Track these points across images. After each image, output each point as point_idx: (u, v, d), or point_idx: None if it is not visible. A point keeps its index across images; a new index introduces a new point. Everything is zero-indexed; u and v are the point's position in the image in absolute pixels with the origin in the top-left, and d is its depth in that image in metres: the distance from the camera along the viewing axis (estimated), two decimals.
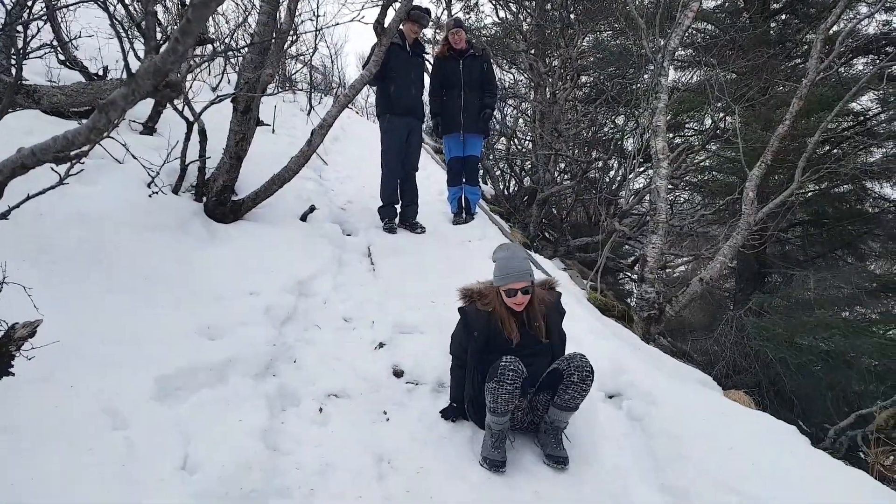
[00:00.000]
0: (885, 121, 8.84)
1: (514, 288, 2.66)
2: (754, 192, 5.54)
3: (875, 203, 9.78)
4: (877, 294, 8.66)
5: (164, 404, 2.48)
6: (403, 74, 5.38)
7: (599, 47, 10.47)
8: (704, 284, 5.64)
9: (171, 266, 3.54)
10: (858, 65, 9.75)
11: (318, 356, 3.23)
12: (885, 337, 7.70)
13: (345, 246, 4.94)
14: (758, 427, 3.14)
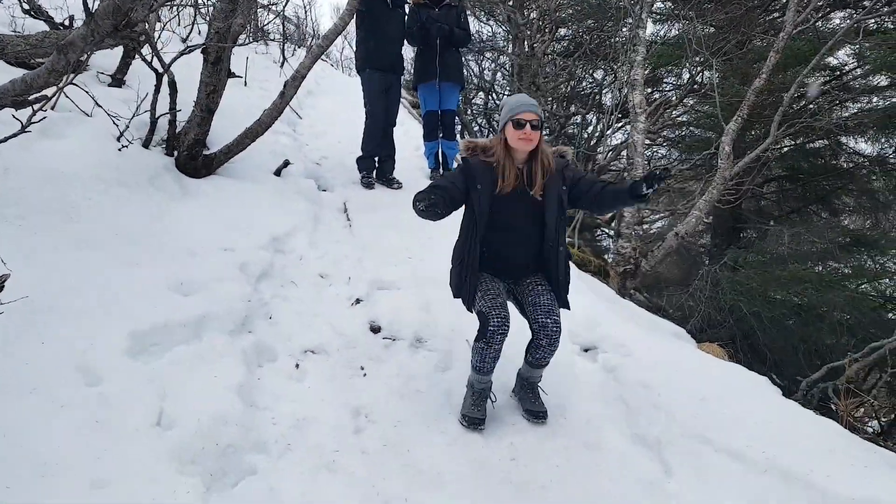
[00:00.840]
0: (861, 75, 8.84)
1: (523, 118, 2.50)
2: (730, 146, 5.56)
3: (849, 158, 9.85)
4: (849, 248, 8.79)
5: (139, 360, 2.46)
6: (383, 28, 5.29)
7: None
8: (680, 239, 5.70)
9: (142, 221, 3.46)
10: (836, 19, 9.69)
11: (294, 313, 3.22)
12: (856, 291, 7.87)
13: (320, 202, 4.88)
14: (730, 378, 3.21)
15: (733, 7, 8.79)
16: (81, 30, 1.04)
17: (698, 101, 9.34)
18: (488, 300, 2.58)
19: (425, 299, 3.63)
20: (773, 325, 7.44)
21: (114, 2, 0.99)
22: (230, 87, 4.70)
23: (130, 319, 2.61)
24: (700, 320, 7.62)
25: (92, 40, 1.05)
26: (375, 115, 5.44)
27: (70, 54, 1.09)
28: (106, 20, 1.01)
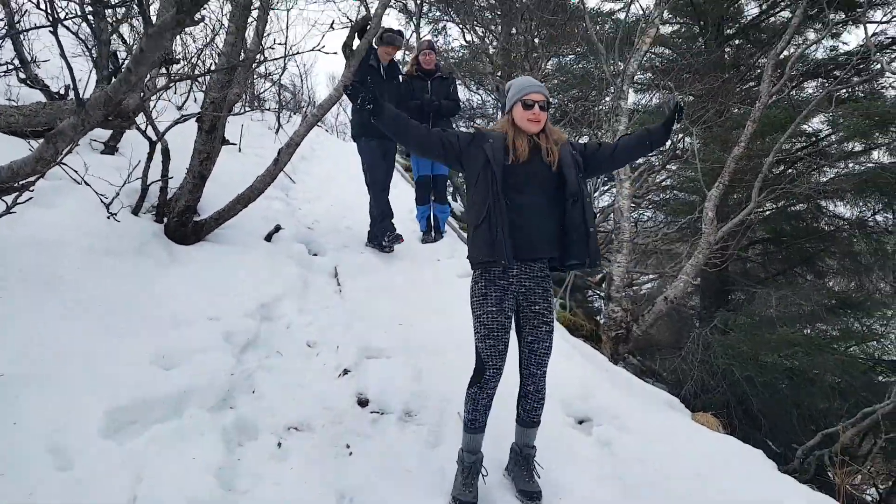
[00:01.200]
0: (836, 142, 9.10)
1: (532, 99, 2.52)
2: (713, 211, 5.64)
3: (830, 221, 10.03)
4: (836, 311, 8.84)
5: (114, 440, 2.36)
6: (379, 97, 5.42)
7: (562, 70, 10.65)
8: (669, 303, 5.69)
9: (128, 290, 3.40)
10: (809, 88, 10.07)
11: (278, 385, 3.12)
12: (845, 353, 7.87)
13: (311, 266, 4.85)
14: (725, 451, 3.16)
15: (710, 78, 9.12)
16: (72, 120, 1.04)
17: (681, 166, 9.55)
18: (490, 342, 2.55)
19: (416, 368, 3.57)
20: (766, 390, 7.38)
21: (105, 93, 0.99)
22: (224, 153, 4.75)
23: (109, 395, 2.53)
24: (694, 385, 7.55)
25: (82, 130, 1.05)
26: (378, 181, 5.54)
27: (59, 143, 1.09)
28: (97, 110, 1.02)
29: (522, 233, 2.49)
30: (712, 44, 10.57)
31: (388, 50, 5.43)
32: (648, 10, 6.91)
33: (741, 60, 11.08)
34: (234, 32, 3.70)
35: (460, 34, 11.68)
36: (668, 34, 11.84)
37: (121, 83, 1.06)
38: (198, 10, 1.01)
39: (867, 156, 9.18)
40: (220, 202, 4.52)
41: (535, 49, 9.66)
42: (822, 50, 9.85)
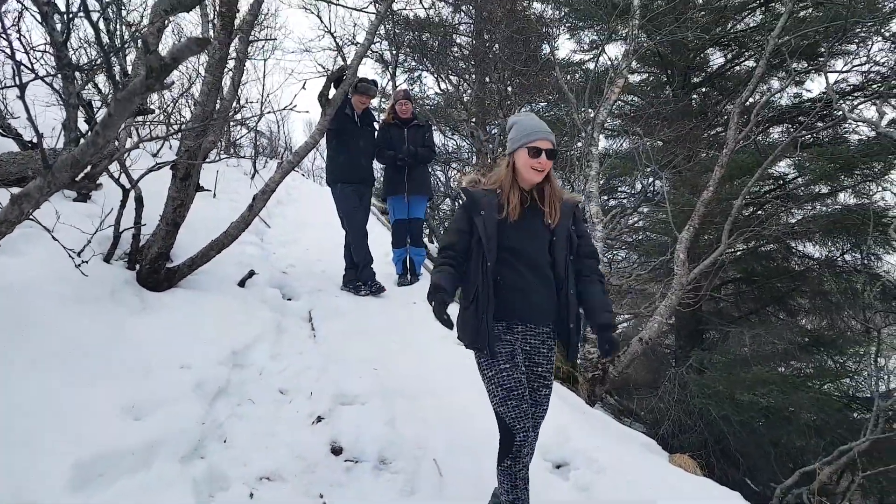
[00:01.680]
0: (803, 184, 9.41)
1: (539, 147, 2.34)
2: (685, 253, 5.75)
3: (800, 261, 10.27)
4: (809, 349, 8.98)
5: (81, 494, 2.29)
6: (353, 144, 5.56)
7: None
8: (644, 344, 5.74)
9: (98, 338, 3.34)
10: (775, 133, 10.47)
11: (251, 434, 3.06)
12: (820, 391, 7.95)
13: (285, 311, 4.80)
14: (702, 494, 3.16)
15: (678, 125, 9.43)
16: (38, 181, 1.05)
17: (652, 209, 9.77)
18: (512, 403, 2.32)
19: (391, 414, 3.53)
20: (743, 429, 7.42)
21: (73, 155, 1.01)
22: (199, 199, 4.75)
23: (76, 447, 2.46)
24: (671, 425, 7.56)
25: (48, 191, 1.06)
26: (356, 227, 5.63)
27: (24, 205, 1.10)
28: (63, 173, 1.03)
29: (524, 295, 2.39)
30: (679, 92, 10.97)
31: (361, 99, 5.56)
32: (617, 61, 7.16)
33: (708, 107, 11.51)
34: (209, 83, 3.76)
35: (435, 83, 11.98)
36: (636, 83, 12.29)
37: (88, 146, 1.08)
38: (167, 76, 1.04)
39: (834, 198, 9.51)
40: (193, 248, 4.50)
41: (509, 97, 9.92)
42: (787, 97, 10.29)
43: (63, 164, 1.12)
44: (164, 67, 1.05)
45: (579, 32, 12.06)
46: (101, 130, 1.04)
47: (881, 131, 5.70)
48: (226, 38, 3.68)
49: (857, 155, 8.16)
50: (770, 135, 10.45)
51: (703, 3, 10.55)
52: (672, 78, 11.28)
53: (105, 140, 1.07)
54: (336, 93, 4.41)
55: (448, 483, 3.03)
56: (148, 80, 1.02)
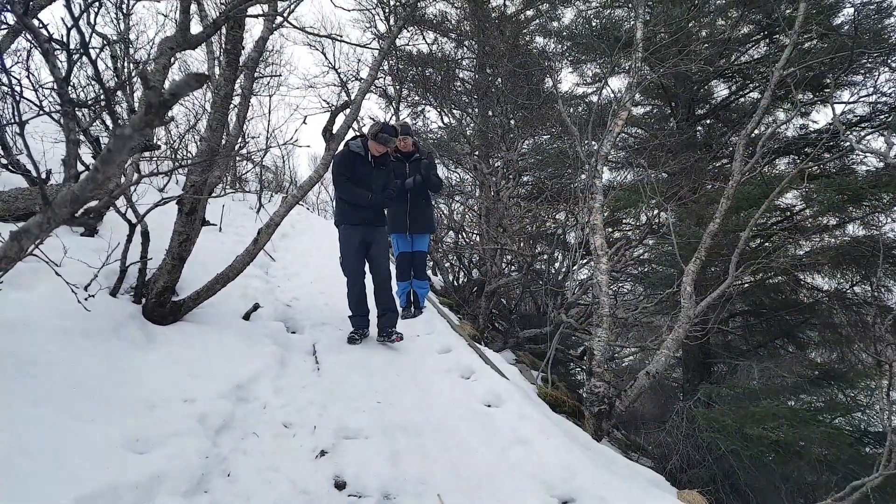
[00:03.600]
0: (811, 216, 9.40)
1: None
2: (692, 286, 5.74)
3: (809, 293, 10.22)
4: (819, 382, 8.87)
5: None
6: (364, 186, 5.26)
7: (538, 150, 11.03)
8: (651, 378, 5.69)
9: (102, 373, 3.35)
10: (781, 164, 10.52)
11: (254, 468, 3.04)
12: (831, 426, 7.83)
13: (288, 345, 4.80)
14: None
15: (683, 157, 9.49)
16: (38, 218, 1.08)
17: (658, 241, 9.78)
18: None
19: (394, 449, 3.50)
20: (753, 463, 7.30)
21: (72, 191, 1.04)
22: (204, 233, 4.79)
23: (78, 482, 2.44)
24: (679, 460, 7.45)
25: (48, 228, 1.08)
26: (353, 273, 5.26)
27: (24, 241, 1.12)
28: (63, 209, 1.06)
29: None
30: (684, 124, 11.08)
31: (378, 148, 5.19)
32: (620, 93, 7.26)
33: (713, 139, 11.60)
34: (215, 119, 3.83)
35: (438, 117, 12.15)
36: (640, 115, 12.43)
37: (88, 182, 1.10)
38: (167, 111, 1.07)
39: (842, 229, 9.49)
40: (199, 281, 4.53)
41: (511, 130, 10.04)
42: (793, 128, 10.37)
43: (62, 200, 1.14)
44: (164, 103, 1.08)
45: (582, 66, 12.26)
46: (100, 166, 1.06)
47: (890, 162, 5.72)
48: (231, 75, 3.76)
49: (866, 186, 8.16)
50: (776, 166, 10.51)
51: (706, 35, 10.71)
52: (676, 110, 11.40)
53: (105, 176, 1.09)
54: (340, 127, 4.48)
55: None
56: (147, 116, 1.05)
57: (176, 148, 6.68)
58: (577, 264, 8.51)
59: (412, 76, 12.18)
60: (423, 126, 12.64)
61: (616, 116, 6.36)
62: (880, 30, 8.55)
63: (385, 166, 5.44)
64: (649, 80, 9.63)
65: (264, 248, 4.75)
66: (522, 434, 3.86)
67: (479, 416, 4.10)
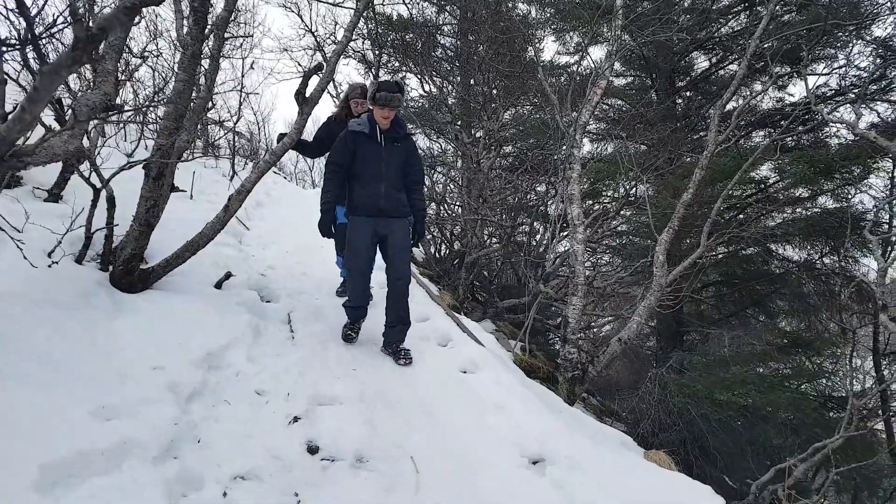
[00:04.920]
0: (783, 188, 9.52)
1: None
2: (664, 255, 5.79)
3: (780, 264, 10.41)
4: (787, 350, 9.10)
5: (49, 496, 2.24)
6: (372, 169, 4.29)
7: (519, 120, 10.97)
8: (623, 344, 5.76)
9: (68, 341, 3.28)
10: (757, 137, 10.60)
11: (225, 434, 3.02)
12: (797, 391, 8.09)
13: (263, 313, 4.74)
14: (675, 488, 3.18)
15: (661, 128, 9.51)
16: None
17: (635, 212, 9.85)
18: None
19: (370, 415, 3.52)
20: (722, 428, 7.52)
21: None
22: (175, 200, 4.71)
23: (45, 449, 2.41)
24: (651, 424, 7.63)
25: None
26: (358, 266, 4.41)
27: None
28: None
29: None
30: (664, 95, 11.07)
31: (384, 113, 4.20)
32: (600, 63, 7.21)
33: (691, 111, 11.63)
34: (182, 80, 3.72)
35: (419, 84, 11.98)
36: (621, 86, 12.38)
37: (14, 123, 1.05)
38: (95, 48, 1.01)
39: (813, 201, 9.63)
40: (169, 249, 4.44)
41: (493, 100, 9.94)
42: (770, 101, 10.42)
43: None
44: (91, 38, 1.02)
45: (564, 35, 12.15)
46: (26, 106, 1.01)
47: (858, 132, 5.78)
48: (198, 34, 3.64)
49: (837, 159, 8.27)
50: (752, 139, 10.58)
51: (687, 6, 10.65)
52: (656, 81, 11.38)
53: (32, 116, 1.04)
54: (313, 90, 4.38)
55: (426, 481, 3.02)
56: (74, 52, 1.00)
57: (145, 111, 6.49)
58: (556, 236, 8.55)
59: (392, 41, 11.96)
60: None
61: (595, 85, 6.33)
62: (857, 2, 8.57)
63: (401, 142, 4.39)
64: (629, 50, 9.58)
65: (237, 216, 4.66)
66: (497, 399, 3.89)
67: (455, 382, 4.13)
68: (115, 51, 3.29)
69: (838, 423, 5.09)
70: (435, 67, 11.77)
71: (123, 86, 6.90)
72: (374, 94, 4.15)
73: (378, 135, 4.31)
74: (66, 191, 4.96)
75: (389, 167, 4.35)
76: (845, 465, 5.40)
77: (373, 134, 4.31)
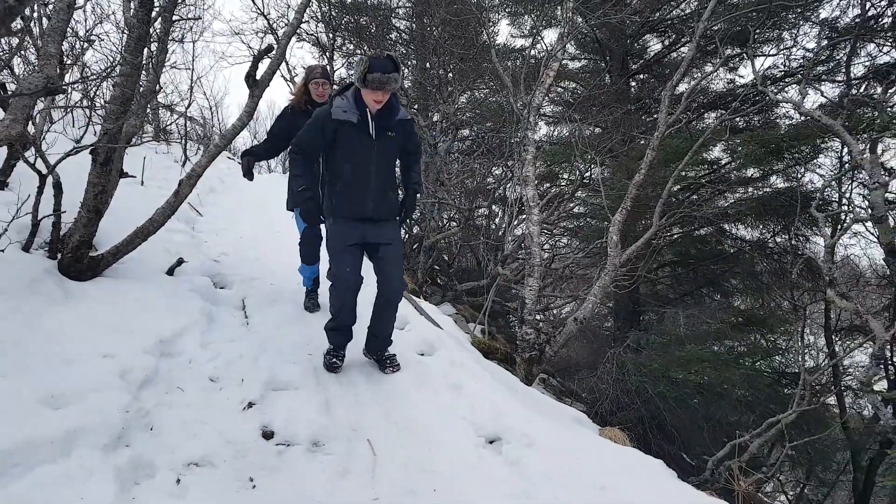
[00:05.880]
0: (735, 168, 9.76)
1: None
2: (617, 235, 5.90)
3: (733, 244, 10.68)
4: (741, 328, 9.34)
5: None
6: (360, 169, 3.62)
7: (476, 104, 10.98)
8: (579, 324, 5.87)
9: (15, 328, 3.20)
10: (709, 118, 10.83)
11: (178, 421, 3.00)
12: (752, 368, 8.32)
13: (216, 300, 4.68)
14: (628, 463, 3.27)
15: (615, 110, 9.63)
16: None
17: (590, 194, 9.98)
18: None
19: (324, 398, 3.53)
20: (678, 405, 7.70)
21: None
22: (125, 186, 4.59)
23: None
24: (609, 403, 7.79)
25: None
26: (339, 279, 3.72)
27: None
28: None
29: None
30: (617, 78, 11.21)
31: (376, 97, 3.44)
32: (552, 45, 7.26)
33: (645, 94, 11.80)
34: (129, 62, 3.62)
35: None
36: (576, 69, 12.48)
37: None
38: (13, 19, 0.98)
39: (764, 181, 9.88)
40: (120, 236, 4.33)
41: (449, 83, 9.93)
42: (721, 83, 10.64)
43: None
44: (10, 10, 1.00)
45: (518, 18, 12.17)
46: None
47: (803, 111, 5.95)
48: (144, 16, 3.55)
49: (787, 139, 8.49)
50: (704, 120, 10.80)
51: None
52: (610, 64, 11.51)
53: None
54: (264, 73, 4.30)
55: (382, 463, 3.06)
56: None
57: (91, 96, 6.28)
58: (514, 220, 8.62)
59: (346, 24, 11.80)
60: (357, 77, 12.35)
61: (548, 67, 6.38)
62: None
63: (395, 131, 3.64)
64: (581, 32, 9.65)
65: (189, 201, 4.58)
66: (453, 380, 3.93)
67: (412, 364, 4.15)
68: (57, 33, 3.20)
69: (792, 398, 5.27)
70: (390, 50, 11.68)
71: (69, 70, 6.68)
72: (364, 77, 3.31)
73: (370, 125, 3.53)
74: (12, 178, 4.80)
75: (381, 166, 3.63)
76: (799, 439, 5.60)
77: (363, 125, 3.52)
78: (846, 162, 8.54)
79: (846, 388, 8.81)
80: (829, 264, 5.12)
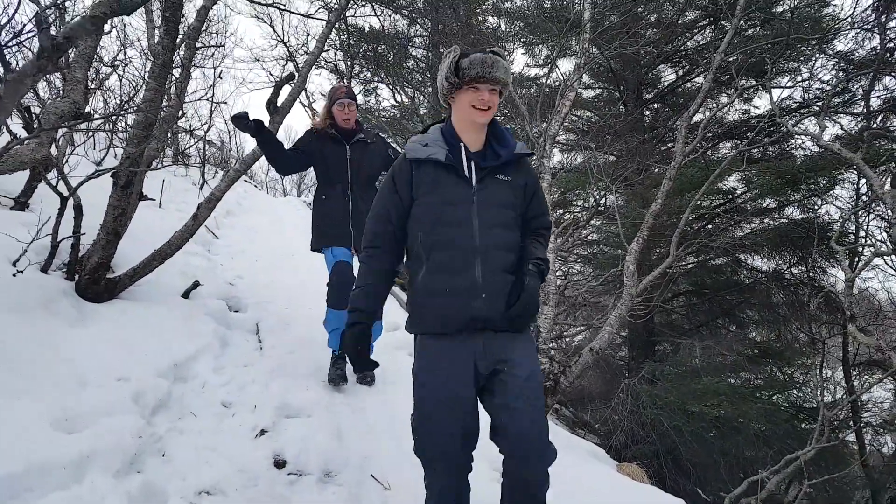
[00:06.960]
0: (751, 199, 9.70)
1: None
2: (634, 265, 5.85)
3: (749, 274, 10.57)
4: (758, 360, 9.20)
5: None
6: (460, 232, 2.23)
7: None
8: (595, 354, 5.79)
9: (31, 349, 3.19)
10: (724, 148, 10.81)
11: (191, 447, 2.97)
12: (769, 402, 8.16)
13: (230, 323, 4.68)
14: (647, 502, 3.19)
15: (630, 139, 9.64)
16: None
17: (605, 222, 9.94)
18: None
19: (337, 426, 3.48)
20: (694, 439, 7.55)
21: None
22: (144, 209, 4.63)
23: (3, 461, 2.34)
24: (624, 436, 7.66)
25: None
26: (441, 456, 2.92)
27: None
28: None
29: None
30: (632, 107, 11.24)
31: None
32: (568, 75, 7.31)
33: (659, 123, 11.81)
34: (152, 88, 3.68)
35: (391, 95, 12.00)
36: (590, 98, 12.54)
37: None
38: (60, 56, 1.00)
39: (781, 212, 9.81)
40: (136, 258, 4.37)
41: None
42: (736, 113, 10.64)
43: None
44: (57, 47, 1.01)
45: (533, 48, 12.29)
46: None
47: (822, 144, 5.92)
48: (169, 43, 3.61)
49: (803, 170, 8.45)
50: (719, 150, 10.78)
51: (654, 20, 10.85)
52: (624, 94, 11.56)
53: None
54: (285, 100, 4.35)
55: (394, 494, 3.00)
56: (39, 61, 0.99)
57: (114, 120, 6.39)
58: None
59: (364, 52, 11.98)
60: (375, 104, 12.50)
61: (564, 97, 6.42)
62: (819, 18, 8.82)
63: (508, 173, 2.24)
64: (597, 62, 9.70)
65: (206, 224, 4.60)
66: None
67: None
68: (84, 59, 3.27)
69: (810, 434, 5.14)
70: (407, 78, 11.82)
71: (93, 94, 6.82)
72: (456, 67, 2.11)
73: (464, 163, 2.19)
74: (33, 199, 4.87)
75: (486, 224, 2.15)
76: (818, 476, 5.43)
77: (456, 162, 2.18)
78: (864, 194, 8.47)
79: (866, 424, 8.62)
80: (850, 298, 5.02)
